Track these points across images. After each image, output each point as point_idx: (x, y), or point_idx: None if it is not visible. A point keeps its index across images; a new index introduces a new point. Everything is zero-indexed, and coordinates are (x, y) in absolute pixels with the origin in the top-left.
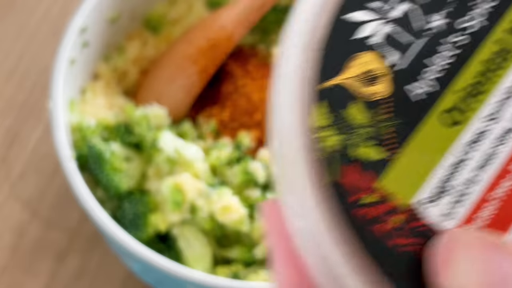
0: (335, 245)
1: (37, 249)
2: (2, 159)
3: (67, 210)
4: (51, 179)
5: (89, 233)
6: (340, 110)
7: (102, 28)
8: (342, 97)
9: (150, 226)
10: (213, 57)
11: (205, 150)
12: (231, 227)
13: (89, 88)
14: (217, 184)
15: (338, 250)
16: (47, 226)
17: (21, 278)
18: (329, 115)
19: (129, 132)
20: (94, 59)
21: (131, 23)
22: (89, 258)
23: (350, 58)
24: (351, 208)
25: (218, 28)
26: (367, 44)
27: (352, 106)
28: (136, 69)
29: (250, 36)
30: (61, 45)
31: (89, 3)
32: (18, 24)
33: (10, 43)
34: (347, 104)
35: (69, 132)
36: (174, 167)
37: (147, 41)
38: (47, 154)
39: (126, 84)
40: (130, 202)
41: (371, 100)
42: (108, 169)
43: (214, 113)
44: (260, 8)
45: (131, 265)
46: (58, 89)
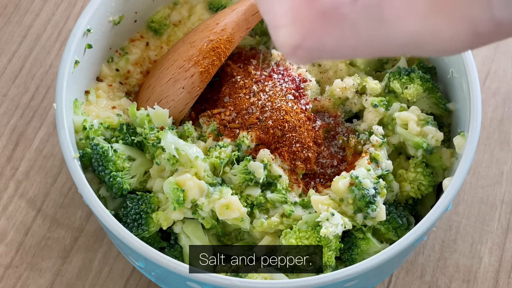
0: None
1: (42, 246)
2: (8, 159)
3: (71, 208)
4: (55, 178)
5: (93, 231)
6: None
7: (105, 30)
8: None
9: (152, 224)
10: (214, 59)
11: (206, 150)
12: (231, 225)
13: (92, 89)
14: (217, 183)
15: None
16: (51, 224)
17: (26, 274)
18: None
19: (131, 132)
20: (98, 60)
21: (134, 25)
22: (92, 255)
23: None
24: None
25: (219, 30)
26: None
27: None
28: (138, 70)
29: (250, 38)
30: (65, 47)
31: (92, 6)
32: (23, 27)
33: (15, 45)
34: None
35: (73, 132)
36: (175, 166)
37: (149, 43)
38: (51, 153)
39: (128, 85)
40: (132, 200)
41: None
42: (111, 168)
43: (215, 114)
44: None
45: (134, 262)
46: (62, 90)
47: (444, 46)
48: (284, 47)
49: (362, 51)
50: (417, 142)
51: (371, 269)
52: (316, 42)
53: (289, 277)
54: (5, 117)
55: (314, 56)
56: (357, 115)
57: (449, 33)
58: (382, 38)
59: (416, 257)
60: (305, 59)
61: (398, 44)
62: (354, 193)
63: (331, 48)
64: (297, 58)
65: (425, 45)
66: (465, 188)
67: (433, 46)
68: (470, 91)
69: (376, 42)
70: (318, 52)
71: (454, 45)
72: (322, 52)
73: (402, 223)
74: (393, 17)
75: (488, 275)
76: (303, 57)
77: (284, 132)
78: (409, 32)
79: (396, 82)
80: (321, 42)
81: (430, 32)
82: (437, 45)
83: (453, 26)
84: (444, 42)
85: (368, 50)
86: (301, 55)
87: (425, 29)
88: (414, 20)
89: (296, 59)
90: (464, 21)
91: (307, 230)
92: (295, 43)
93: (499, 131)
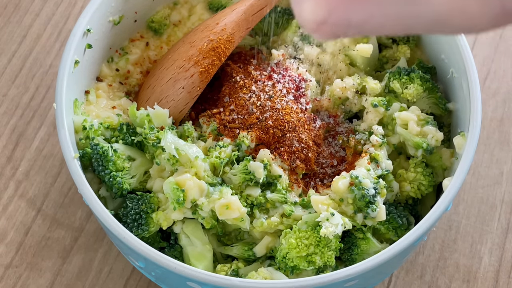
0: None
1: (42, 246)
2: (8, 159)
3: (71, 208)
4: (55, 178)
5: (93, 231)
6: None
7: (105, 30)
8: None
9: (152, 224)
10: (214, 59)
11: (206, 150)
12: (231, 225)
13: (92, 89)
14: (217, 183)
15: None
16: (51, 224)
17: (26, 274)
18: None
19: (131, 132)
20: (98, 60)
21: (134, 25)
22: (92, 255)
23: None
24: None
25: (219, 30)
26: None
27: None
28: (138, 70)
29: (250, 38)
30: (65, 47)
31: (92, 6)
32: (23, 27)
33: (15, 45)
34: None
35: (73, 132)
36: (175, 166)
37: (149, 43)
38: (51, 153)
39: (128, 85)
40: (132, 200)
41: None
42: (111, 168)
43: (215, 114)
44: (259, 11)
45: (134, 262)
46: (62, 90)
47: (471, 23)
48: (309, 22)
49: (389, 28)
50: (417, 142)
51: (371, 269)
52: (342, 17)
53: (289, 277)
54: (5, 117)
55: (339, 32)
56: (357, 115)
57: (478, 9)
58: (410, 14)
59: (416, 257)
60: (329, 35)
61: (426, 20)
62: (354, 193)
63: (357, 24)
64: (322, 34)
65: (452, 21)
66: (465, 188)
67: (460, 22)
68: (470, 91)
69: (403, 18)
70: (343, 28)
71: (480, 22)
72: (348, 28)
73: (402, 223)
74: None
75: (488, 275)
76: (327, 33)
77: (284, 132)
78: (437, 6)
79: (396, 82)
80: (347, 18)
81: (457, 7)
82: (465, 21)
83: (481, 2)
84: (471, 18)
85: (395, 26)
86: (325, 31)
87: (454, 4)
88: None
89: (320, 35)
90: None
91: (307, 230)
92: (320, 18)
93: (499, 131)
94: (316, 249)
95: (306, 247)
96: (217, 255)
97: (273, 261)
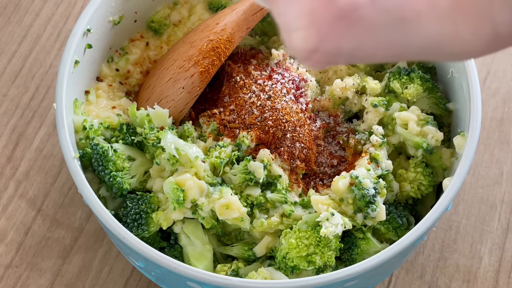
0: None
1: (42, 246)
2: (8, 159)
3: (71, 208)
4: (55, 178)
5: (93, 231)
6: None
7: (105, 30)
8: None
9: (152, 224)
10: (214, 59)
11: (206, 150)
12: (231, 225)
13: (92, 89)
14: (217, 183)
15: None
16: (51, 224)
17: (26, 274)
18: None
19: (131, 132)
20: (98, 60)
21: (134, 25)
22: (92, 255)
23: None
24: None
25: (219, 30)
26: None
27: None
28: (138, 70)
29: (250, 38)
30: (65, 47)
31: (92, 6)
32: (23, 27)
33: (15, 45)
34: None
35: (73, 132)
36: (175, 166)
37: (149, 43)
38: (51, 153)
39: (128, 85)
40: (132, 200)
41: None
42: (111, 168)
43: (215, 114)
44: (259, 11)
45: (134, 262)
46: (62, 90)
47: (464, 48)
48: (300, 51)
49: (380, 55)
50: (417, 142)
51: (371, 269)
52: (333, 45)
53: (289, 277)
54: (5, 117)
55: (330, 60)
56: (357, 115)
57: (469, 34)
58: (402, 40)
59: (416, 257)
60: (321, 64)
61: (418, 46)
62: (354, 193)
63: (348, 52)
64: (313, 63)
65: (445, 46)
66: (465, 188)
67: (453, 48)
68: (470, 91)
69: (395, 45)
70: (335, 56)
71: (474, 47)
72: (339, 56)
73: (402, 223)
74: (413, 18)
75: (488, 275)
76: (319, 62)
77: (284, 132)
78: (429, 33)
79: (396, 82)
80: (338, 46)
81: (450, 33)
82: (457, 47)
83: (473, 27)
84: (464, 44)
85: (386, 53)
86: (317, 59)
87: (445, 30)
88: (434, 20)
89: (312, 63)
90: (485, 22)
91: (307, 230)
92: (312, 47)
93: (499, 131)
94: (316, 249)
95: (306, 247)
96: (217, 255)
97: (273, 261)
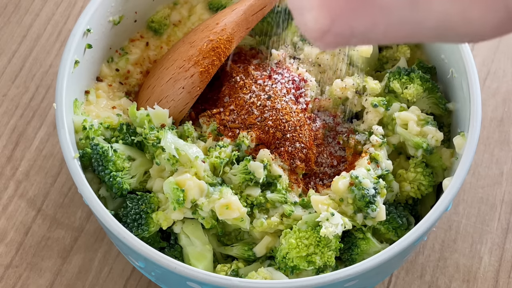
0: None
1: (42, 246)
2: (8, 159)
3: (71, 208)
4: (55, 178)
5: (93, 231)
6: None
7: (105, 30)
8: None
9: (152, 224)
10: (214, 59)
11: (206, 150)
12: (231, 225)
13: (92, 89)
14: (217, 183)
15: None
16: (51, 224)
17: (26, 274)
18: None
19: (131, 132)
20: (98, 60)
21: (134, 25)
22: (92, 255)
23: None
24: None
25: (219, 30)
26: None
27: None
28: (138, 70)
29: (250, 38)
30: (65, 47)
31: (92, 6)
32: (23, 27)
33: (15, 45)
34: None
35: (73, 132)
36: (175, 166)
37: (149, 43)
38: (51, 153)
39: (128, 85)
40: (132, 200)
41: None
42: (111, 168)
43: (215, 114)
44: (259, 11)
45: (134, 262)
46: (62, 90)
47: (476, 28)
48: (312, 32)
49: (392, 36)
50: (417, 142)
51: (371, 269)
52: (345, 26)
53: (289, 277)
54: (5, 117)
55: (342, 41)
56: (357, 115)
57: (481, 13)
58: (413, 20)
59: (416, 257)
60: (333, 44)
61: (429, 27)
62: (354, 193)
63: (360, 32)
64: (325, 44)
65: (455, 27)
66: (465, 188)
67: (464, 28)
68: (470, 91)
69: (407, 25)
70: (347, 37)
71: (484, 28)
72: (351, 37)
73: (402, 223)
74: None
75: (488, 275)
76: (331, 42)
77: (284, 132)
78: (440, 12)
79: (396, 82)
80: (350, 26)
81: (460, 12)
82: (468, 27)
83: (484, 6)
84: (476, 24)
85: (397, 34)
86: (329, 40)
87: (456, 9)
88: (446, 0)
89: (324, 44)
90: (496, 1)
91: (307, 230)
92: (324, 27)
93: (499, 131)
94: (316, 249)
95: (306, 247)
96: (217, 255)
97: (273, 261)
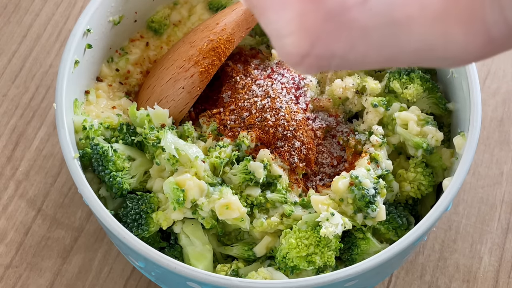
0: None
1: (42, 246)
2: (8, 159)
3: (71, 208)
4: (55, 178)
5: (93, 231)
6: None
7: (105, 30)
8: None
9: (152, 224)
10: (214, 59)
11: (206, 150)
12: (231, 225)
13: (92, 89)
14: (217, 183)
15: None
16: (51, 224)
17: (26, 274)
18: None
19: (131, 132)
20: (98, 60)
21: (134, 25)
22: (92, 255)
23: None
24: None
25: (219, 30)
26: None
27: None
28: (138, 70)
29: (250, 38)
30: (65, 47)
31: (92, 6)
32: (23, 27)
33: (15, 45)
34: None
35: (73, 132)
36: (175, 166)
37: (149, 43)
38: (51, 153)
39: (128, 85)
40: (132, 200)
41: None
42: (111, 168)
43: (215, 114)
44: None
45: (134, 262)
46: (62, 90)
47: (457, 52)
48: (292, 56)
49: (373, 58)
50: (417, 142)
51: (371, 269)
52: (325, 48)
53: (289, 277)
54: (5, 117)
55: (323, 64)
56: (357, 115)
57: (462, 36)
58: (394, 43)
59: (416, 257)
60: (313, 68)
61: (410, 49)
62: (354, 193)
63: (340, 55)
64: (305, 68)
65: (438, 51)
66: (465, 188)
67: (445, 52)
68: (470, 91)
69: (387, 47)
70: (327, 59)
71: (467, 51)
72: (331, 60)
73: (402, 223)
74: (404, 20)
75: (488, 275)
76: (311, 66)
77: (284, 132)
78: (421, 35)
79: (396, 82)
80: (330, 49)
81: (442, 36)
82: (450, 50)
83: (465, 29)
84: (458, 48)
85: (378, 56)
86: (309, 63)
87: (437, 32)
88: (426, 23)
89: (304, 68)
90: (477, 23)
91: (307, 230)
92: (303, 51)
93: (499, 131)
94: (316, 249)
95: (306, 247)
96: (217, 255)
97: (273, 261)
